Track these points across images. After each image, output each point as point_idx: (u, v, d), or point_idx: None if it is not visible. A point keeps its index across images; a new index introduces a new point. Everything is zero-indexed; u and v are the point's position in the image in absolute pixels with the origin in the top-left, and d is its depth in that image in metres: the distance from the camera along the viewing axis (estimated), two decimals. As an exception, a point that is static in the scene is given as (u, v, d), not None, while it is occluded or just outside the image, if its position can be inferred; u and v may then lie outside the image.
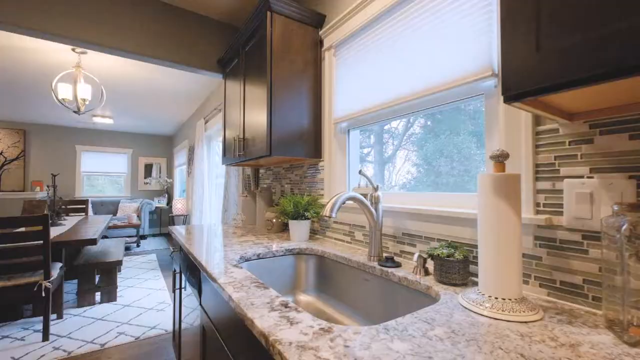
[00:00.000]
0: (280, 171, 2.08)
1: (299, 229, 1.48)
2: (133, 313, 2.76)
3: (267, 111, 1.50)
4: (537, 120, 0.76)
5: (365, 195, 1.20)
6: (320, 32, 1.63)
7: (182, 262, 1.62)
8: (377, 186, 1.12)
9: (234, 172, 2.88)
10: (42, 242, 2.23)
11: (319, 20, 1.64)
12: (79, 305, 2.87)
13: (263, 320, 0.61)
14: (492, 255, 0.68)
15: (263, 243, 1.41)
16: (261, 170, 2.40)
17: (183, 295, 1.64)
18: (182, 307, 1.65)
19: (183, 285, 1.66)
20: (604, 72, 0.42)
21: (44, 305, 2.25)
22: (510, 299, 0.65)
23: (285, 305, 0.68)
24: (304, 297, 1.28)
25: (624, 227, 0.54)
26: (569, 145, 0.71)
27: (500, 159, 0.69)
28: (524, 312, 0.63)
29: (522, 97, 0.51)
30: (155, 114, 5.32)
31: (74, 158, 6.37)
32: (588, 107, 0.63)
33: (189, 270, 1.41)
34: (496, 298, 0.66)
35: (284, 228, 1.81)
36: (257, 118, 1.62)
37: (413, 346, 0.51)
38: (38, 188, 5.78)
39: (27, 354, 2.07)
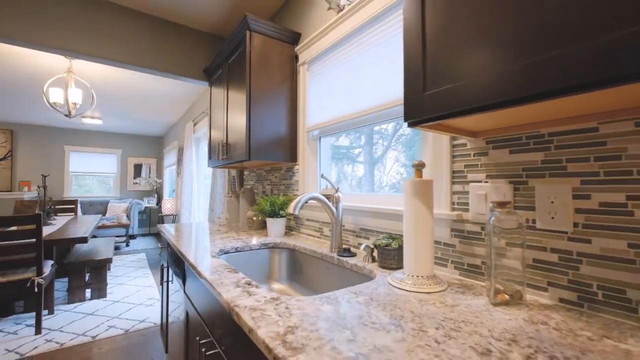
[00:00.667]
0: (262, 173, 2.24)
1: (276, 226, 1.65)
2: (123, 308, 2.89)
3: (246, 119, 1.67)
4: (453, 136, 0.96)
5: (329, 196, 1.38)
6: (296, 49, 1.81)
7: (169, 257, 1.77)
8: (338, 188, 1.30)
9: (220, 174, 3.03)
10: (34, 240, 2.34)
11: (294, 38, 1.81)
12: (70, 302, 2.98)
13: (229, 293, 0.78)
14: (412, 243, 0.86)
15: (242, 239, 1.58)
16: (245, 172, 2.56)
17: (170, 292, 1.79)
18: (170, 301, 1.80)
19: (170, 279, 1.81)
20: (456, 112, 0.60)
21: (37, 300, 2.37)
22: (423, 276, 0.84)
23: (248, 284, 0.86)
24: (277, 285, 1.45)
25: (491, 219, 0.73)
26: (473, 156, 0.90)
27: (418, 167, 0.88)
28: (431, 285, 0.82)
29: (415, 124, 0.70)
30: (145, 115, 5.41)
31: (62, 158, 6.39)
32: (483, 128, 0.82)
33: (175, 263, 1.57)
34: (413, 276, 0.85)
35: (264, 225, 1.98)
36: (238, 125, 1.79)
37: (336, 307, 0.69)
38: (26, 188, 5.80)
39: (20, 346, 2.19)
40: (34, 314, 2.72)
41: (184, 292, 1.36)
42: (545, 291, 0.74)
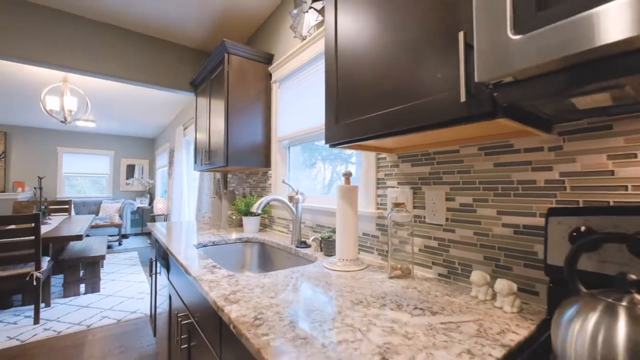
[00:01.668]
0: (243, 176, 2.49)
1: (250, 223, 1.90)
2: (115, 301, 3.10)
3: (224, 130, 1.91)
4: (378, 152, 1.22)
5: (292, 197, 1.64)
6: (269, 68, 2.06)
7: (157, 251, 2.01)
8: (298, 191, 1.56)
9: (206, 176, 3.27)
10: (33, 237, 2.55)
11: (268, 58, 2.06)
12: (65, 296, 3.19)
13: (197, 272, 1.03)
14: (341, 234, 1.12)
15: (221, 234, 1.83)
16: (229, 175, 2.80)
17: (159, 287, 2.02)
18: (158, 295, 2.04)
19: (158, 270, 2.04)
20: (354, 139, 0.86)
21: (35, 293, 2.58)
22: (348, 260, 1.10)
23: (214, 267, 1.10)
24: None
25: (390, 216, 0.99)
26: (390, 167, 1.16)
27: (347, 175, 1.14)
28: (352, 266, 1.07)
29: (333, 146, 0.96)
30: (137, 118, 5.60)
31: (55, 159, 6.54)
32: (389, 146, 1.08)
33: (161, 255, 1.81)
34: (342, 259, 1.11)
35: (242, 223, 2.23)
36: (219, 135, 2.03)
37: (273, 280, 0.94)
38: (20, 189, 5.95)
39: (21, 334, 2.41)
40: (31, 306, 2.92)
41: (168, 279, 1.60)
42: (430, 268, 1.01)
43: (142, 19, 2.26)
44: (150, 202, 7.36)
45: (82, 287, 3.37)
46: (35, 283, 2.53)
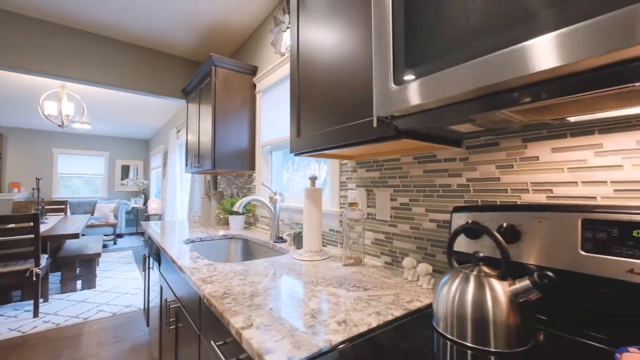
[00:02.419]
0: (231, 178, 2.67)
1: (235, 222, 2.08)
2: (110, 297, 3.26)
3: (211, 136, 2.09)
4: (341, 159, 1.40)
5: (271, 198, 1.82)
6: (254, 79, 2.24)
7: (150, 247, 2.17)
8: (276, 192, 1.74)
9: (198, 177, 3.43)
10: (33, 235, 2.70)
11: (253, 70, 2.24)
12: (63, 292, 3.34)
13: (183, 262, 1.21)
14: (307, 230, 1.31)
15: (208, 232, 2.00)
16: (219, 177, 2.97)
17: (151, 283, 2.18)
18: (150, 287, 2.21)
19: (151, 265, 2.21)
20: (310, 150, 1.05)
21: (35, 288, 2.73)
22: (313, 251, 1.29)
23: (197, 257, 1.28)
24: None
25: (345, 214, 1.18)
26: (350, 172, 1.35)
27: (312, 179, 1.33)
28: (315, 257, 1.26)
29: (297, 154, 1.14)
30: (132, 121, 5.74)
31: (50, 160, 6.65)
32: (348, 154, 1.27)
33: (154, 251, 1.98)
34: (308, 251, 1.29)
35: (228, 222, 2.40)
36: (207, 140, 2.20)
37: (245, 267, 1.13)
38: (16, 189, 6.05)
39: (21, 326, 2.56)
40: (30, 301, 3.07)
41: (160, 272, 1.77)
42: (378, 257, 1.20)
43: (136, 32, 2.43)
44: (145, 202, 7.49)
45: (79, 283, 3.52)
46: (34, 279, 2.68)
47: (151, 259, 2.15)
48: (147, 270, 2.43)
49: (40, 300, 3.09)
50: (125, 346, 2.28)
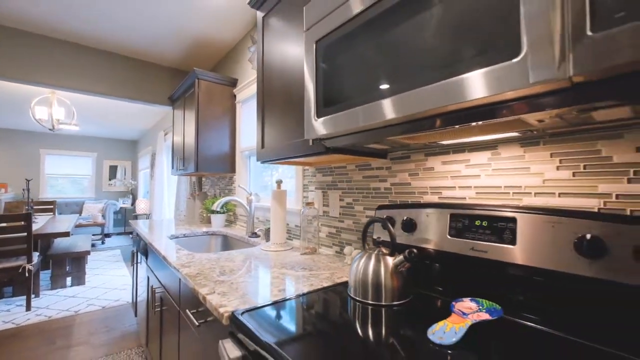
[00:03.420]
0: (215, 180, 2.88)
1: (217, 220, 2.30)
2: (100, 292, 3.43)
3: (194, 141, 2.30)
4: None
5: (248, 198, 2.05)
6: (234, 90, 2.46)
7: (138, 244, 2.37)
8: (251, 193, 1.97)
9: (184, 179, 3.63)
10: (25, 234, 2.86)
11: (233, 82, 2.46)
12: (53, 288, 3.48)
13: (167, 252, 1.43)
14: (274, 225, 1.54)
15: (191, 229, 2.22)
16: (204, 178, 3.18)
17: (139, 279, 2.38)
18: (138, 281, 2.40)
19: (139, 260, 2.41)
20: (270, 160, 1.29)
21: (27, 284, 2.88)
22: (278, 243, 1.52)
23: (179, 249, 1.51)
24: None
25: (303, 212, 1.42)
26: (311, 176, 1.59)
27: (278, 182, 1.56)
28: (279, 248, 1.50)
29: (263, 162, 1.38)
30: (120, 123, 5.86)
31: (37, 161, 6.69)
32: (310, 161, 1.51)
33: (142, 246, 2.18)
34: (274, 243, 1.53)
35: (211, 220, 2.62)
36: (191, 144, 2.41)
37: (219, 256, 1.36)
38: (3, 190, 6.09)
39: (15, 318, 2.72)
40: (21, 297, 3.21)
41: (147, 264, 1.98)
42: (331, 248, 1.44)
43: (127, 44, 2.61)
44: (133, 203, 7.58)
45: (69, 280, 3.67)
46: (27, 275, 2.84)
47: (139, 254, 2.35)
48: (135, 265, 2.62)
49: (32, 295, 3.23)
50: (115, 334, 2.47)
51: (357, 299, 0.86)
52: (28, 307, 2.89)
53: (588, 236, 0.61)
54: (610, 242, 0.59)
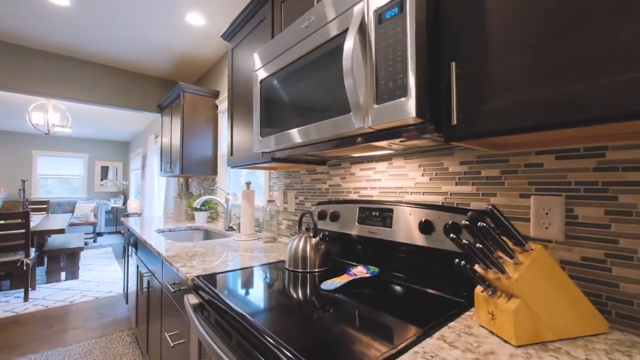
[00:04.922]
0: (200, 181, 3.18)
1: (200, 216, 2.60)
2: (93, 285, 3.68)
3: (180, 147, 2.60)
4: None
5: (226, 198, 2.35)
6: (216, 101, 2.76)
7: (129, 239, 2.66)
8: (228, 193, 2.28)
9: (172, 180, 3.91)
10: (23, 230, 3.11)
11: (215, 94, 2.77)
12: (48, 282, 3.73)
13: (154, 242, 1.73)
14: (243, 219, 1.85)
15: (177, 225, 2.51)
16: (190, 180, 3.47)
17: (130, 273, 2.66)
18: (129, 274, 2.68)
19: (130, 253, 2.69)
20: (240, 165, 1.60)
21: (25, 276, 3.13)
22: (247, 235, 1.83)
23: (164, 240, 1.81)
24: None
25: (266, 208, 1.74)
26: (275, 178, 1.91)
27: (247, 183, 1.88)
28: (248, 238, 1.81)
29: (232, 168, 1.69)
30: (112, 125, 6.09)
31: (30, 162, 6.86)
32: (274, 166, 1.82)
33: (131, 240, 2.47)
34: (243, 234, 1.84)
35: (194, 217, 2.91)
36: (177, 149, 2.71)
37: (195, 244, 1.66)
38: (-4, 190, 6.26)
39: (14, 308, 2.97)
40: (19, 290, 3.45)
41: (136, 254, 2.27)
42: (289, 237, 1.76)
43: (118, 57, 2.90)
44: (125, 203, 7.79)
45: (63, 274, 3.91)
46: (25, 268, 3.09)
47: (130, 247, 2.63)
48: (126, 257, 2.90)
49: (29, 288, 3.48)
50: (108, 320, 2.75)
51: (290, 269, 1.18)
52: (26, 298, 3.14)
53: (423, 220, 0.94)
54: (435, 223, 0.92)
